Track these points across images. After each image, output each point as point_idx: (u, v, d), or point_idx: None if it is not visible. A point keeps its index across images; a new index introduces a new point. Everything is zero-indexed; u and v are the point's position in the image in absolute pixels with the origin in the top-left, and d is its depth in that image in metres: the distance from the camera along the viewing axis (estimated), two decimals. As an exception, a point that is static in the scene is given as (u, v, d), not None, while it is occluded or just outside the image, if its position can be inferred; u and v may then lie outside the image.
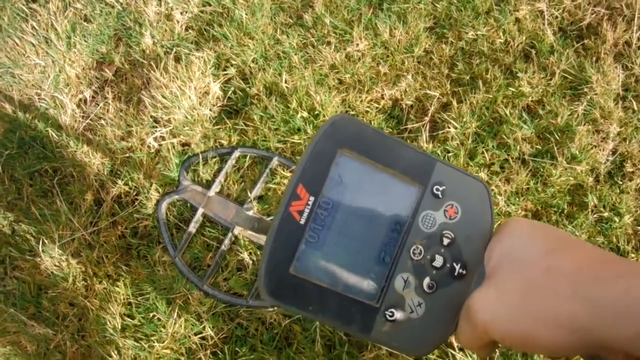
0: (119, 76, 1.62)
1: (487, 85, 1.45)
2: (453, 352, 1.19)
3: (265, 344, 1.28)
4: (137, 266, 1.40)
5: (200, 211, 1.34)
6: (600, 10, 1.51)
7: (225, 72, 1.54)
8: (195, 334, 1.32)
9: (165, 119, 1.49)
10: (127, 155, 1.50)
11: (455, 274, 0.44)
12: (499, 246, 0.42)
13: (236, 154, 1.37)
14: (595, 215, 1.34)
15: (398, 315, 0.44)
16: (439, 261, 0.45)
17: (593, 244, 1.29)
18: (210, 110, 1.50)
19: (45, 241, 1.43)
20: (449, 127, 1.41)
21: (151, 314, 1.36)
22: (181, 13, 1.61)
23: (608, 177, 1.38)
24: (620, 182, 1.36)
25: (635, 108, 1.41)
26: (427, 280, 0.44)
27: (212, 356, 1.31)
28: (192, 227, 1.34)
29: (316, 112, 1.43)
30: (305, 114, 1.44)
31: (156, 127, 1.51)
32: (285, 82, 1.48)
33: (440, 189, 0.45)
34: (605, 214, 1.33)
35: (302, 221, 0.44)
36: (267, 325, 1.30)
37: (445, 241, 0.45)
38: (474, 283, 0.44)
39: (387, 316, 0.44)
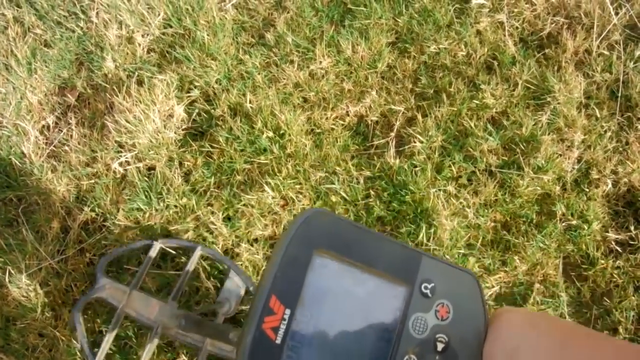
0: (82, 101, 1.60)
1: (451, 98, 1.45)
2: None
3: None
4: (106, 294, 1.38)
5: (120, 310, 1.23)
6: (560, 20, 1.52)
7: (188, 94, 1.52)
8: (168, 361, 1.31)
9: (130, 144, 1.48)
10: (93, 181, 1.48)
11: None
12: (499, 345, 0.38)
13: (157, 246, 1.28)
14: (564, 224, 1.34)
15: None
16: None
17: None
18: (175, 133, 1.49)
19: (12, 271, 1.40)
20: (415, 142, 1.41)
21: (122, 342, 1.34)
22: (142, 36, 1.59)
23: (575, 185, 1.38)
24: (587, 190, 1.37)
25: (598, 115, 1.42)
26: None
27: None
28: (112, 329, 1.22)
29: (281, 132, 1.43)
30: (270, 134, 1.43)
31: (121, 151, 1.49)
32: (250, 102, 1.47)
33: (429, 286, 0.41)
34: (574, 222, 1.34)
35: (278, 340, 0.38)
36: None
37: (440, 346, 0.40)
38: None
39: None
